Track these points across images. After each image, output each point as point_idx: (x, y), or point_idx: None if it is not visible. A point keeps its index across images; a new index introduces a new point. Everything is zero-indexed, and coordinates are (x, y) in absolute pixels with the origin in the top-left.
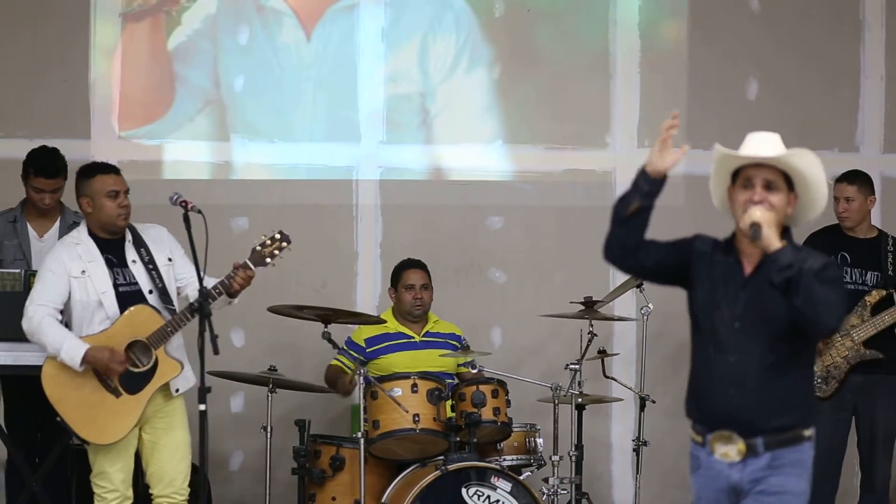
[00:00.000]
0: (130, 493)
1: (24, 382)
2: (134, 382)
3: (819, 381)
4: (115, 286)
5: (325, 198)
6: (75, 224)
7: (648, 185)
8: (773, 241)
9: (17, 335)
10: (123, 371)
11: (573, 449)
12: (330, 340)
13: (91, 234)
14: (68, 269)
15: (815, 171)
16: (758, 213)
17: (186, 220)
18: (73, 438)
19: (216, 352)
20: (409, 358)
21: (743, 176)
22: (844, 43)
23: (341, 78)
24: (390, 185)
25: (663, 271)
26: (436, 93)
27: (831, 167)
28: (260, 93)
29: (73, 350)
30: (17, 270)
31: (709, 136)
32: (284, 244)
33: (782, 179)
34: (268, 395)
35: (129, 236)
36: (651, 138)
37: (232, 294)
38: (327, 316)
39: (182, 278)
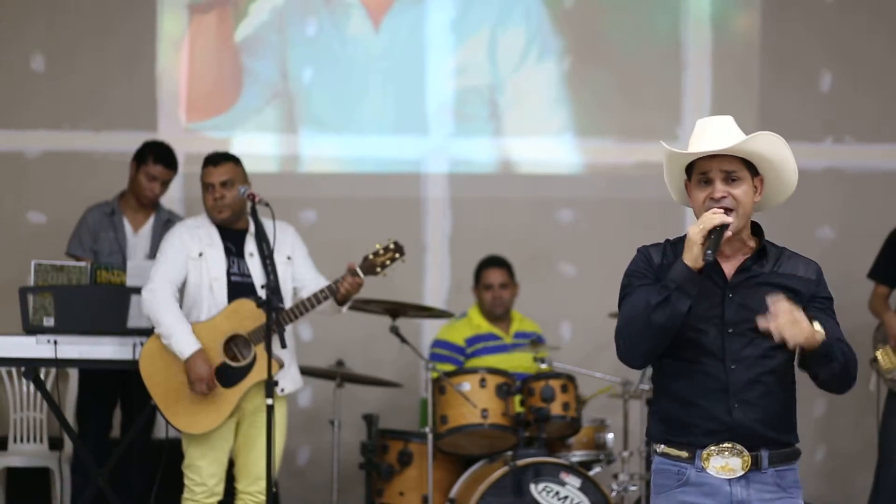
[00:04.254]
0: (219, 489)
1: (99, 376)
2: (230, 376)
3: None
4: (229, 274)
5: (393, 191)
6: (170, 221)
7: (694, 286)
8: (812, 335)
9: (83, 328)
10: (203, 394)
11: (643, 445)
12: (398, 334)
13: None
14: (188, 248)
15: (777, 151)
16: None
17: (254, 213)
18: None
19: (283, 345)
20: (503, 360)
21: (698, 170)
22: None
23: (409, 70)
24: (459, 177)
25: None
26: (505, 85)
27: None
28: (328, 85)
29: (183, 346)
30: (83, 264)
31: (781, 128)
32: (398, 255)
33: (743, 167)
34: (335, 390)
35: (251, 228)
36: None
37: (340, 301)
38: (395, 310)
39: (299, 279)
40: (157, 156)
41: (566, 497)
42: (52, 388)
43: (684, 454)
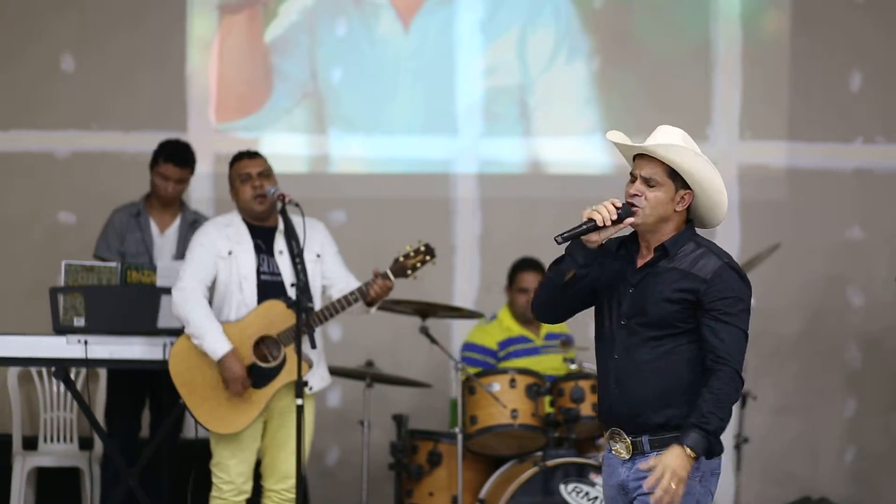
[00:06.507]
0: (248, 487)
1: (129, 376)
2: (260, 377)
3: None
4: (258, 273)
5: (422, 191)
6: (196, 221)
7: (584, 257)
8: (683, 476)
9: (114, 328)
10: (239, 393)
11: None
12: (428, 335)
13: (244, 219)
14: (217, 247)
15: (692, 163)
16: None
17: (284, 213)
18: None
19: (313, 346)
20: (535, 362)
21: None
22: None
23: (439, 70)
24: (488, 178)
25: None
26: (534, 85)
27: None
28: (357, 85)
29: (216, 346)
30: (113, 264)
31: (811, 128)
32: (429, 258)
33: (667, 176)
34: (365, 390)
35: (280, 226)
36: (752, 131)
37: (369, 302)
38: (425, 310)
39: (329, 277)
40: (168, 155)
41: (596, 498)
42: (83, 388)
43: (606, 435)
